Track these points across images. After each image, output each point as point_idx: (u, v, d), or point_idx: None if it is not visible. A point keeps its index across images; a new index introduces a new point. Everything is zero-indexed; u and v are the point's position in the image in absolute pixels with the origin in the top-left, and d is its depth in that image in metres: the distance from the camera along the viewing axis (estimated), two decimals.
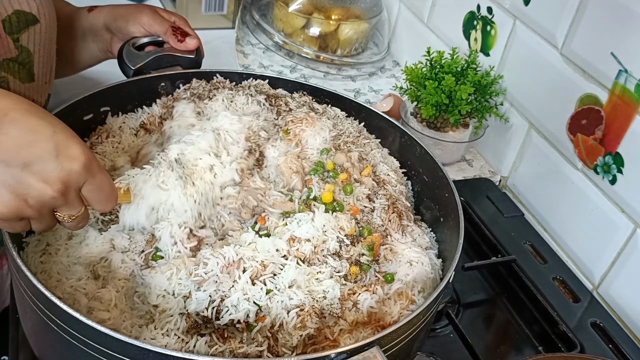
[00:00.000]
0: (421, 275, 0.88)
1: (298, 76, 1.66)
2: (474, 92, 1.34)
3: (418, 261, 0.89)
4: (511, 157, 1.41)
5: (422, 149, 1.02)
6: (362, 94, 1.66)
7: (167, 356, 0.65)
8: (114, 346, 0.67)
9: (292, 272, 0.80)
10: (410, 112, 1.43)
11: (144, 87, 1.05)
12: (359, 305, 0.80)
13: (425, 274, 0.88)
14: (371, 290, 0.82)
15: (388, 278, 0.86)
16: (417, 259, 0.89)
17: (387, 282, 0.86)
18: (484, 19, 1.43)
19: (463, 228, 0.88)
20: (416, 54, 1.54)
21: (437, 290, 0.78)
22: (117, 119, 1.03)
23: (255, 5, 1.75)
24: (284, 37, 1.68)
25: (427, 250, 0.93)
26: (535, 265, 1.23)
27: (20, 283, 0.75)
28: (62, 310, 0.68)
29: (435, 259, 0.93)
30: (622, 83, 1.10)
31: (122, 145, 0.99)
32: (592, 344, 1.09)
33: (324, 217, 0.86)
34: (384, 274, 0.86)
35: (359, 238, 0.89)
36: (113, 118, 1.03)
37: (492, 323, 1.15)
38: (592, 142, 1.19)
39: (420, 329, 0.80)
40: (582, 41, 1.18)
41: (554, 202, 1.30)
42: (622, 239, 1.15)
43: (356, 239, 0.88)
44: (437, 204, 0.99)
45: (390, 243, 0.91)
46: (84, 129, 1.00)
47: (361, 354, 0.69)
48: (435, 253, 0.95)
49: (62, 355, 0.76)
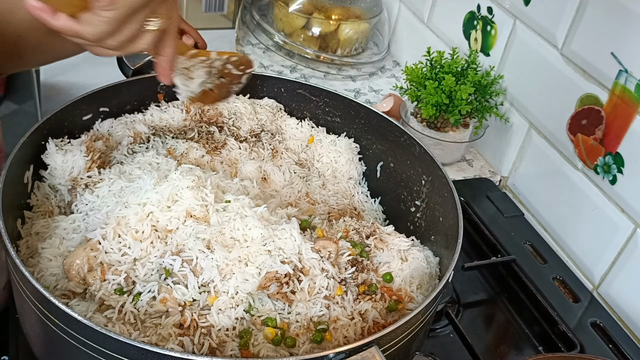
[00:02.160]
0: (417, 270, 0.88)
1: (298, 76, 1.66)
2: (474, 92, 1.34)
3: (412, 255, 0.90)
4: (511, 157, 1.41)
5: (422, 148, 1.02)
6: (362, 94, 1.66)
7: (167, 356, 0.66)
8: (114, 346, 0.67)
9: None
10: (410, 112, 1.43)
11: (143, 86, 1.06)
12: (364, 315, 0.82)
13: (422, 269, 0.89)
14: (376, 302, 0.83)
15: (387, 277, 0.86)
16: (407, 248, 0.91)
17: (386, 282, 0.86)
18: (484, 19, 1.43)
19: (462, 228, 0.88)
20: (416, 54, 1.54)
21: (436, 290, 0.78)
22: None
23: (255, 5, 1.75)
24: (284, 37, 1.68)
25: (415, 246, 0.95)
26: (535, 265, 1.23)
27: (20, 283, 0.75)
28: (61, 310, 0.68)
29: (431, 255, 0.94)
30: (622, 83, 1.10)
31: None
32: (592, 344, 1.09)
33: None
34: (382, 275, 0.86)
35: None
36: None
37: (492, 323, 1.15)
38: (592, 142, 1.19)
39: (419, 328, 0.80)
40: (582, 41, 1.18)
41: (554, 202, 1.30)
42: (622, 239, 1.15)
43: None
44: (436, 204, 0.99)
45: (379, 234, 0.92)
46: (83, 129, 1.00)
47: (360, 354, 0.69)
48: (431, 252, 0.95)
49: (62, 355, 0.76)
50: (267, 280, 0.80)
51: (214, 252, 0.81)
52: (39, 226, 0.87)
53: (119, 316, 0.76)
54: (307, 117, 1.16)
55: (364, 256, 0.89)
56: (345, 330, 0.80)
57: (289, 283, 0.80)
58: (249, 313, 0.80)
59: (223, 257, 0.80)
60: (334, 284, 0.83)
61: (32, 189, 0.92)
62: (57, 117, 0.94)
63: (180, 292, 0.79)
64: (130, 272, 0.80)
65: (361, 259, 0.88)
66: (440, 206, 0.98)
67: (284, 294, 0.80)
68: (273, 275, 0.80)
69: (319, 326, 0.79)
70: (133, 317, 0.77)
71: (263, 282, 0.80)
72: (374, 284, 0.86)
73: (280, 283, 0.80)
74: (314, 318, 0.80)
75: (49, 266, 0.82)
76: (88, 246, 0.81)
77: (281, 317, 0.80)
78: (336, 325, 0.80)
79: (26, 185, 0.90)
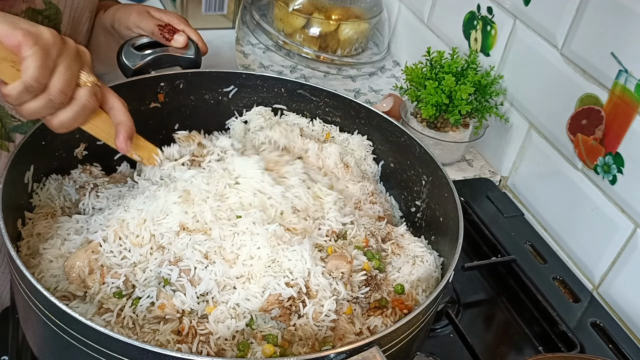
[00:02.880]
0: (426, 274, 0.88)
1: (298, 76, 1.66)
2: (474, 92, 1.34)
3: (423, 260, 0.89)
4: (511, 157, 1.41)
5: (422, 148, 1.02)
6: (362, 94, 1.66)
7: (167, 356, 0.65)
8: (114, 346, 0.67)
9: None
10: (411, 112, 1.43)
11: (143, 87, 1.05)
12: (373, 331, 0.81)
13: (430, 272, 0.89)
14: (386, 317, 0.83)
15: (398, 289, 0.86)
16: (422, 254, 0.89)
17: (397, 293, 0.86)
18: (484, 19, 1.43)
19: (463, 228, 0.88)
20: (416, 54, 1.54)
21: (436, 290, 0.78)
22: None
23: (255, 5, 1.75)
24: (284, 37, 1.67)
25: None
26: (535, 265, 1.23)
27: (20, 284, 0.75)
28: (62, 311, 0.68)
29: (438, 259, 0.94)
30: (622, 83, 1.10)
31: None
32: (592, 344, 1.09)
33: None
34: (394, 286, 0.86)
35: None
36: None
37: (492, 323, 1.15)
38: (592, 142, 1.19)
39: (420, 329, 0.80)
40: (582, 41, 1.18)
41: (554, 202, 1.30)
42: (622, 239, 1.15)
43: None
44: (437, 204, 0.99)
45: (395, 238, 0.92)
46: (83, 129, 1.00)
47: (361, 354, 0.69)
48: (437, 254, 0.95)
49: (62, 355, 0.76)
50: (270, 304, 0.78)
51: (214, 264, 0.80)
52: (41, 227, 0.87)
53: (117, 320, 0.76)
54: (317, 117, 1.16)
55: (381, 268, 0.87)
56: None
57: (292, 307, 0.79)
58: (249, 327, 0.79)
59: (222, 272, 0.79)
60: (344, 304, 0.81)
61: (33, 189, 0.92)
62: None
63: (180, 300, 0.78)
64: (130, 275, 0.80)
65: (375, 273, 0.86)
66: (441, 206, 0.98)
67: (287, 317, 0.78)
68: (276, 299, 0.78)
69: (323, 347, 0.77)
70: (131, 322, 0.76)
71: (265, 305, 0.79)
72: (384, 298, 0.84)
73: (284, 307, 0.79)
74: (319, 338, 0.79)
75: (50, 267, 0.82)
76: (89, 248, 0.81)
77: (284, 333, 0.78)
78: (343, 343, 0.78)
79: (26, 185, 0.90)
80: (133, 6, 1.10)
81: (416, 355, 0.87)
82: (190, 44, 1.09)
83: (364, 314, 0.83)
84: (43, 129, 0.92)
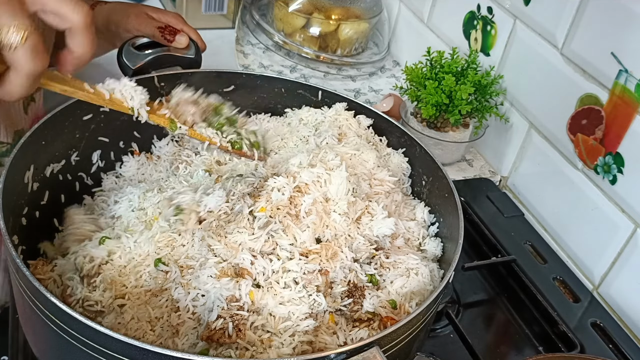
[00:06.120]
0: (419, 287, 0.86)
1: (298, 76, 1.66)
2: (474, 92, 1.34)
3: (417, 272, 0.87)
4: (511, 157, 1.41)
5: (422, 149, 1.02)
6: (362, 94, 1.66)
7: (167, 356, 0.65)
8: (114, 346, 0.67)
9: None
10: (411, 112, 1.43)
11: (143, 87, 1.05)
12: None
13: (424, 285, 0.87)
14: (373, 329, 0.82)
15: (393, 304, 0.84)
16: (415, 267, 0.87)
17: (393, 308, 0.84)
18: (484, 18, 1.43)
19: (463, 228, 0.88)
20: (416, 54, 1.54)
21: (437, 291, 0.78)
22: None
23: (255, 5, 1.75)
24: (284, 37, 1.67)
25: (429, 260, 0.92)
26: (535, 265, 1.23)
27: (20, 283, 0.75)
28: (61, 310, 0.68)
29: (436, 270, 0.91)
30: (622, 83, 1.10)
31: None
32: (592, 344, 1.09)
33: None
34: (389, 301, 0.84)
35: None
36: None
37: (492, 323, 1.15)
38: (592, 142, 1.19)
39: (420, 329, 0.80)
40: (582, 41, 1.18)
41: (554, 202, 1.30)
42: (622, 239, 1.15)
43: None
44: (437, 204, 0.99)
45: (387, 251, 0.90)
46: (84, 129, 1.00)
47: (361, 354, 0.69)
48: (437, 265, 0.93)
49: (62, 355, 0.76)
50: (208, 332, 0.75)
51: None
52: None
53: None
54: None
55: (374, 282, 0.85)
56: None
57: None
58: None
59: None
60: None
61: (32, 189, 0.92)
62: (57, 117, 0.94)
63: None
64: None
65: (362, 284, 0.84)
66: (441, 206, 0.98)
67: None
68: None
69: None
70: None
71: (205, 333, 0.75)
72: (372, 312, 0.82)
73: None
74: (296, 349, 0.75)
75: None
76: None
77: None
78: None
79: (26, 185, 0.90)
80: (129, 8, 1.09)
81: (416, 356, 0.87)
82: (190, 44, 1.09)
83: (349, 325, 0.81)
84: (43, 129, 0.92)
